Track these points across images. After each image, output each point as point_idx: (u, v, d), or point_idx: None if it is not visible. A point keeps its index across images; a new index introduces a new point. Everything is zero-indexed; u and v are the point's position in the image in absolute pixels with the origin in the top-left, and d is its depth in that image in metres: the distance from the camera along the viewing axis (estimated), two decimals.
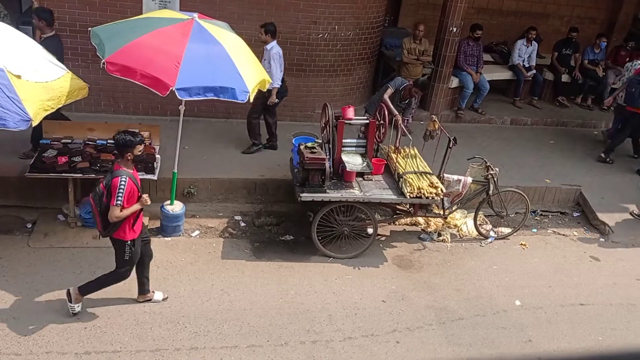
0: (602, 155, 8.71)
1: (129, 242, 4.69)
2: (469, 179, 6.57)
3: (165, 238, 6.16)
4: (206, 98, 4.90)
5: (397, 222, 7.04)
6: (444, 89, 9.24)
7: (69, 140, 6.13)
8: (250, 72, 5.12)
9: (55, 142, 6.08)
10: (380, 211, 7.03)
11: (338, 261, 6.12)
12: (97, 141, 6.18)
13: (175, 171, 6.07)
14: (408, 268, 6.20)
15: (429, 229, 6.97)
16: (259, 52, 7.95)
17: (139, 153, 4.65)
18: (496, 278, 6.18)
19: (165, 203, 6.19)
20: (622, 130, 8.72)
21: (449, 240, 6.79)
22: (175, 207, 6.17)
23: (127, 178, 4.45)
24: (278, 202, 7.00)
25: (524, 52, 10.10)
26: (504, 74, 10.25)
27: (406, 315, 5.42)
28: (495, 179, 6.65)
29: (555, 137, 9.49)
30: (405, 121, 8.39)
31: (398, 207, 6.60)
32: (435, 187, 6.06)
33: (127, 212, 4.51)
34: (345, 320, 5.25)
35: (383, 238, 6.74)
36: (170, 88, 4.64)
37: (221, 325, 4.99)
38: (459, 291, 5.89)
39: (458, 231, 7.02)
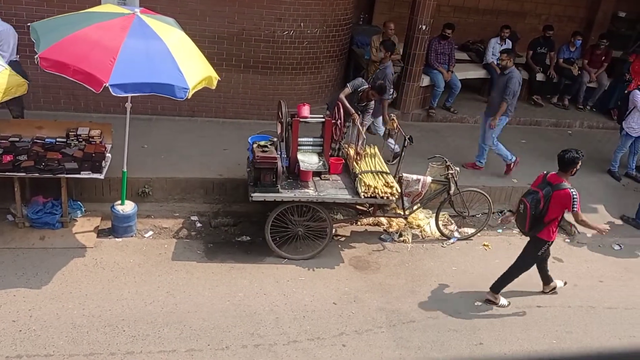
0: None
1: (549, 242, 5.41)
2: (429, 179, 6.44)
3: (117, 239, 6.01)
4: (143, 94, 4.77)
5: (359, 223, 6.91)
6: (415, 87, 9.11)
7: (17, 139, 5.98)
8: (193, 69, 4.98)
9: (2, 141, 5.92)
10: (343, 211, 6.92)
11: (293, 262, 5.98)
12: (46, 139, 6.02)
13: (125, 170, 5.92)
14: (364, 269, 6.07)
15: (390, 230, 6.85)
16: (223, 49, 7.87)
17: (579, 168, 5.40)
18: (454, 279, 6.05)
19: (116, 203, 6.04)
20: None
21: (410, 240, 6.66)
22: (126, 207, 6.02)
23: (577, 191, 5.20)
24: (237, 202, 6.86)
25: (498, 51, 9.95)
26: (478, 73, 10.15)
27: (356, 318, 5.29)
28: (455, 179, 6.53)
29: (528, 136, 9.37)
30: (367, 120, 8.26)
31: (358, 207, 6.48)
32: (391, 187, 5.93)
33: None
34: (292, 323, 5.12)
35: (343, 239, 6.61)
36: (104, 84, 4.50)
37: (161, 329, 4.85)
38: (414, 293, 5.76)
39: (421, 232, 6.89)
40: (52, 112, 7.70)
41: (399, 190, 6.02)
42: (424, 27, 8.65)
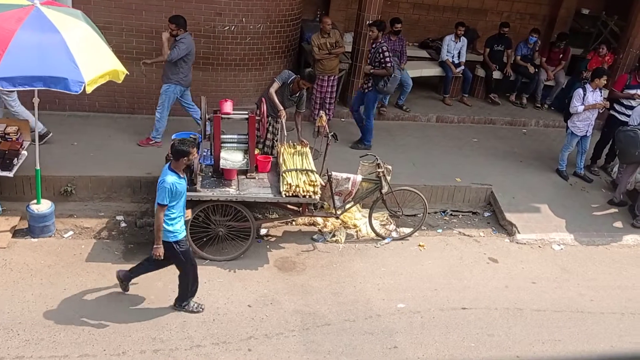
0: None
1: None
2: (359, 177, 6.28)
3: (32, 239, 5.82)
4: (34, 88, 4.59)
5: (294, 223, 6.75)
6: None
7: None
8: (93, 62, 4.79)
9: None
10: (280, 211, 6.74)
11: (215, 264, 5.81)
12: None
13: (38, 168, 5.72)
14: (289, 270, 5.90)
15: (325, 230, 6.68)
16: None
17: None
18: (381, 281, 5.88)
19: (32, 202, 5.84)
20: None
21: (343, 240, 6.49)
22: (42, 206, 5.82)
23: None
24: None
25: (453, 48, 9.83)
26: (432, 70, 9.98)
27: (269, 321, 5.11)
28: (387, 177, 6.37)
29: (480, 135, 9.22)
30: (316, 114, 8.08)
31: (289, 206, 6.30)
32: (314, 186, 5.76)
33: None
34: (199, 327, 4.93)
35: (273, 239, 6.44)
36: None
37: (58, 333, 4.66)
38: (336, 295, 5.59)
39: (357, 232, 6.73)
40: None
41: (321, 189, 5.85)
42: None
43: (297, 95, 6.54)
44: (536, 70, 10.15)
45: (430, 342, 5.11)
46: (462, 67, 9.89)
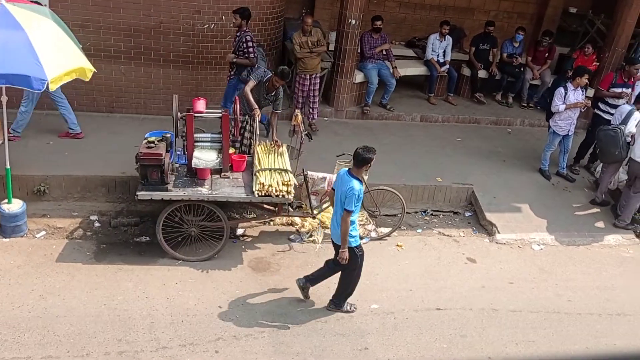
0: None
1: None
2: (335, 177, 6.21)
3: (4, 239, 5.75)
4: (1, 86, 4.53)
5: (271, 223, 6.68)
6: (348, 84, 8.87)
7: None
8: (58, 60, 4.73)
9: None
10: (258, 211, 6.67)
11: (188, 264, 5.74)
12: None
13: (8, 167, 5.65)
14: (263, 271, 5.84)
15: (302, 230, 6.62)
16: (140, 42, 7.54)
17: None
18: None
19: (3, 202, 5.77)
20: None
21: (320, 241, 6.43)
22: (13, 206, 5.76)
23: None
24: (142, 201, 6.55)
25: (438, 47, 9.76)
26: (417, 69, 9.91)
27: (239, 322, 5.05)
28: (363, 177, 6.29)
29: (464, 134, 9.16)
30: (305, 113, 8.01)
31: (266, 206, 6.24)
32: (287, 185, 5.70)
33: None
34: (167, 328, 4.87)
35: (249, 239, 6.38)
36: None
37: (22, 334, 4.59)
38: (310, 295, 5.52)
39: None
40: None
41: (297, 189, 5.79)
42: (353, 21, 8.41)
43: (272, 94, 6.47)
44: (521, 68, 10.09)
45: (402, 344, 5.04)
46: (447, 66, 9.82)
